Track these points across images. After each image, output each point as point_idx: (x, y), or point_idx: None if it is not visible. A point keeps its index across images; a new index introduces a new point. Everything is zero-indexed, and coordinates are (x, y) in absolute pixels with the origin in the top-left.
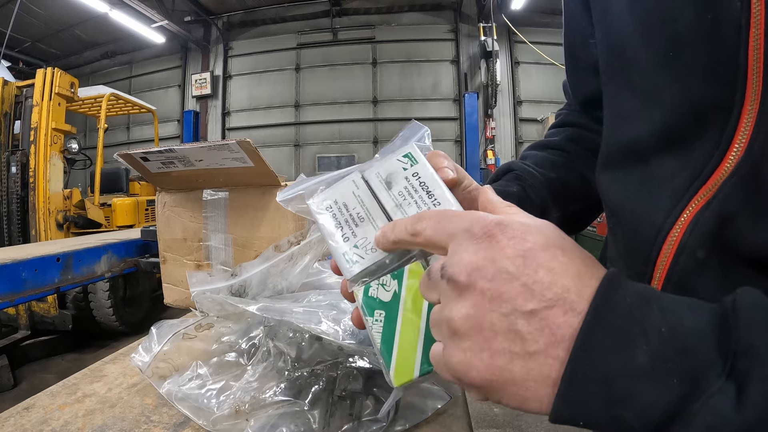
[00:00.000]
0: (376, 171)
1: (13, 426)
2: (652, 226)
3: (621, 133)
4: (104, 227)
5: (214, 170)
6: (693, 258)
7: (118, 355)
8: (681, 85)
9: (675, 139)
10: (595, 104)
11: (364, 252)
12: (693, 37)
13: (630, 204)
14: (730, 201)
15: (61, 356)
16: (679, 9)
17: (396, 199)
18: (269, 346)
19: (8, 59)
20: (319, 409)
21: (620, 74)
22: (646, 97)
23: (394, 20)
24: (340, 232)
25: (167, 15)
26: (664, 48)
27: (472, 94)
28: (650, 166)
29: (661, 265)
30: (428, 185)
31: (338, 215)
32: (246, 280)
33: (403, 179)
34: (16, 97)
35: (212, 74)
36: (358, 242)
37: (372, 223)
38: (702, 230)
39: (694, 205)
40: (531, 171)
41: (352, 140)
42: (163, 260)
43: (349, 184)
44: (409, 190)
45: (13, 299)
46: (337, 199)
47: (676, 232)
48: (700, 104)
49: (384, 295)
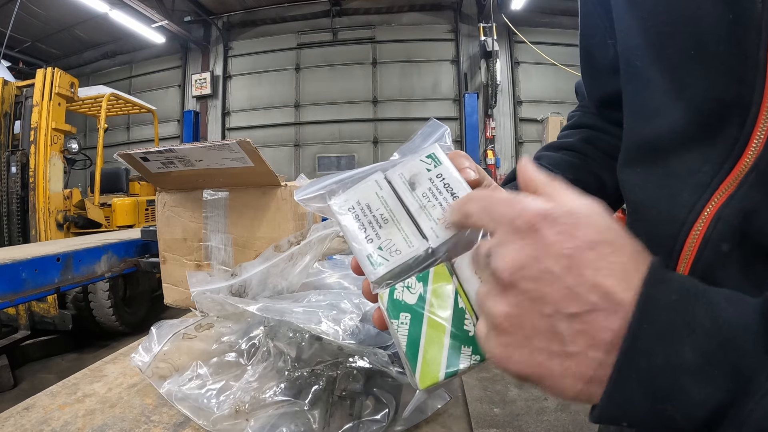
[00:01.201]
0: (399, 172)
1: (13, 426)
2: (675, 220)
3: (642, 130)
4: (104, 227)
5: (214, 170)
6: (717, 251)
7: (118, 355)
8: (702, 83)
9: (696, 136)
10: (611, 105)
11: (388, 254)
12: (715, 38)
13: (652, 200)
14: (752, 195)
15: (61, 356)
16: (702, 10)
17: (420, 201)
18: (269, 346)
19: (8, 59)
20: (319, 409)
21: (641, 73)
22: (667, 96)
23: (394, 20)
24: (364, 233)
25: (167, 15)
26: (686, 48)
27: (472, 94)
28: (672, 163)
29: (685, 259)
30: (452, 187)
31: (361, 216)
32: (246, 280)
33: (427, 180)
34: (16, 97)
35: (212, 74)
36: (383, 244)
37: (396, 224)
38: (725, 224)
39: (716, 199)
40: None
41: (352, 140)
42: (163, 260)
43: (372, 184)
44: (433, 191)
45: (13, 299)
46: (360, 200)
47: (700, 227)
48: (720, 102)
49: (409, 297)
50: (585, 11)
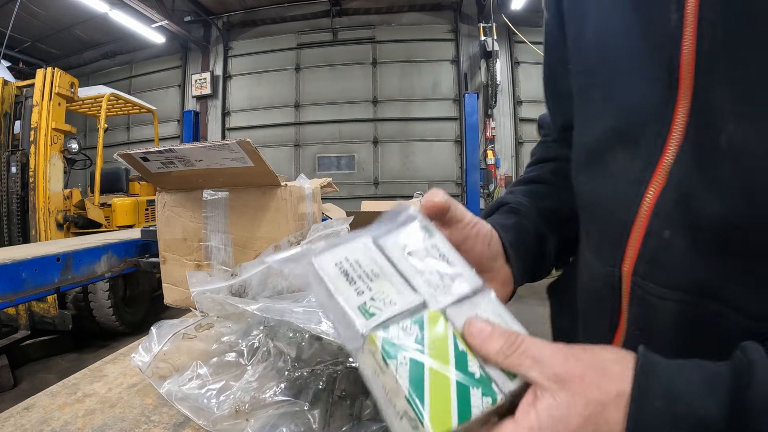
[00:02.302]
0: (393, 240)
1: (13, 426)
2: (620, 216)
3: (585, 138)
4: (104, 227)
5: (214, 170)
6: (660, 239)
7: (118, 355)
8: (628, 91)
9: (626, 136)
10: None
11: (382, 305)
12: (639, 50)
13: (600, 200)
14: (682, 184)
15: (61, 356)
16: (630, 33)
17: (415, 266)
18: (269, 346)
19: (8, 59)
20: (319, 409)
21: (586, 90)
22: (602, 105)
23: (394, 20)
24: (353, 286)
25: (167, 15)
26: (617, 61)
27: (472, 94)
28: (610, 163)
29: (632, 248)
30: (447, 255)
31: (351, 271)
32: (246, 280)
33: (423, 249)
34: (16, 97)
35: (212, 74)
36: (375, 295)
37: (388, 279)
38: (663, 213)
39: (651, 192)
40: (522, 202)
41: (352, 140)
42: (163, 260)
43: (361, 245)
44: (428, 258)
45: (13, 299)
46: (348, 257)
47: (642, 219)
48: (643, 105)
49: (406, 339)
50: (548, 41)
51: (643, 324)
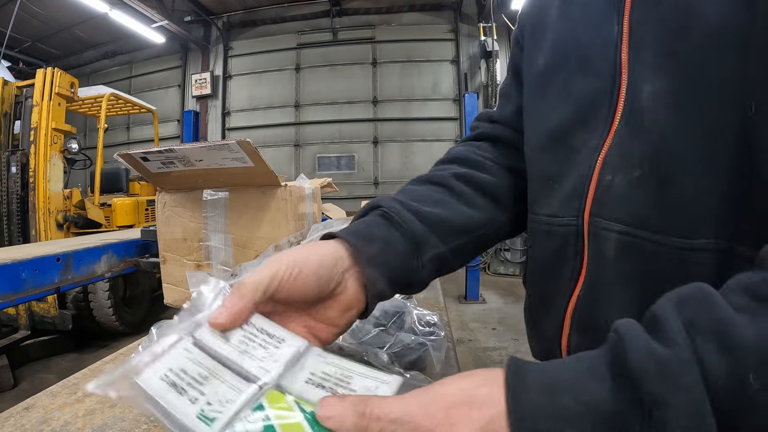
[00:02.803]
0: (209, 331)
1: (13, 426)
2: (581, 173)
3: (548, 123)
4: (104, 227)
5: (214, 170)
6: (605, 182)
7: (118, 355)
8: (584, 85)
9: (584, 119)
10: None
11: (220, 406)
12: (590, 53)
13: (565, 168)
14: (622, 140)
15: (61, 356)
16: (584, 37)
17: (238, 347)
18: None
19: (8, 59)
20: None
21: (545, 87)
22: (562, 97)
23: (394, 20)
24: (186, 396)
25: (167, 15)
26: (575, 64)
27: (472, 94)
28: (572, 142)
29: (588, 199)
30: (266, 328)
31: (179, 381)
32: None
33: (239, 329)
34: (16, 97)
35: (212, 74)
36: (210, 399)
37: (218, 377)
38: (609, 164)
39: (603, 152)
40: (400, 208)
41: (352, 140)
42: (163, 260)
43: (181, 350)
44: (248, 336)
45: (13, 299)
46: (172, 367)
47: (596, 173)
48: (596, 94)
49: (254, 427)
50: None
51: (597, 256)
